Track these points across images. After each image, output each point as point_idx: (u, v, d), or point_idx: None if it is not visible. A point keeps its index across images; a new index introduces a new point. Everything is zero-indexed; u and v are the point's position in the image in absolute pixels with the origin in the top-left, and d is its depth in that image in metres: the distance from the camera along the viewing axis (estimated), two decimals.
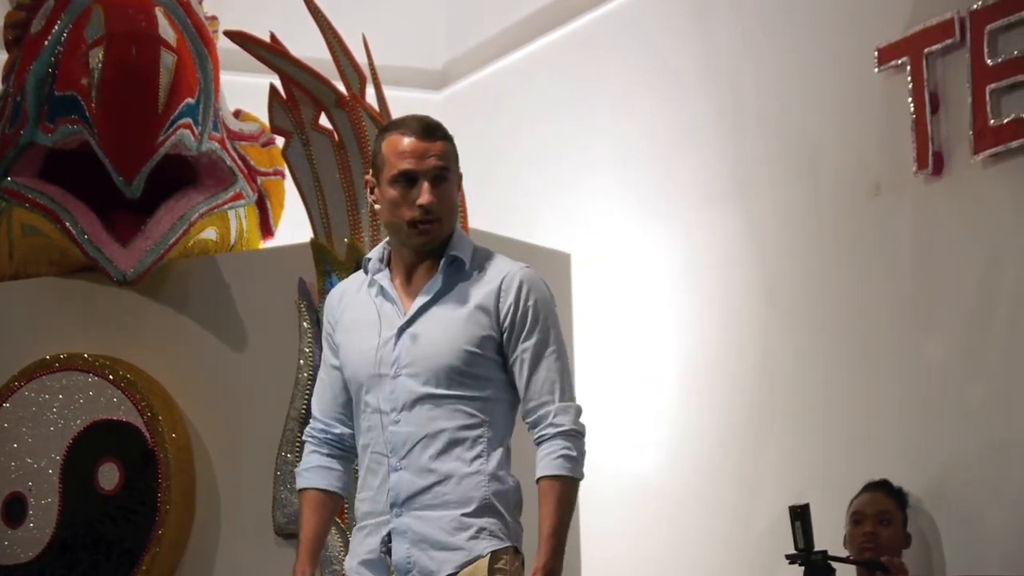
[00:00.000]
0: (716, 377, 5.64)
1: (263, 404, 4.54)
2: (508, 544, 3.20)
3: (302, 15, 4.60)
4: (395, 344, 3.24)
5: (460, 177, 3.34)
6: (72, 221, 4.65)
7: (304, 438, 3.43)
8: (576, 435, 3.22)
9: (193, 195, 4.77)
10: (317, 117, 4.57)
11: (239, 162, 4.93)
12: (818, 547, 4.46)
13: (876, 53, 5.03)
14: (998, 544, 4.65)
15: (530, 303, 3.24)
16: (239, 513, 4.55)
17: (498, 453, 3.23)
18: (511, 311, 3.23)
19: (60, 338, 4.75)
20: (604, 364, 5.96)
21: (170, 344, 4.69)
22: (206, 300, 4.69)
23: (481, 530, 3.18)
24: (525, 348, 3.23)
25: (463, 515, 3.17)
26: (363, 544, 3.25)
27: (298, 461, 4.38)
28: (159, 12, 4.57)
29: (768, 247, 5.52)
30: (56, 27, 4.70)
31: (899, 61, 4.97)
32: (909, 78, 4.93)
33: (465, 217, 4.51)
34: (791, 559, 4.46)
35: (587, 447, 3.24)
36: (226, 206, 4.85)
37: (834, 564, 4.47)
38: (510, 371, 3.25)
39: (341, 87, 4.55)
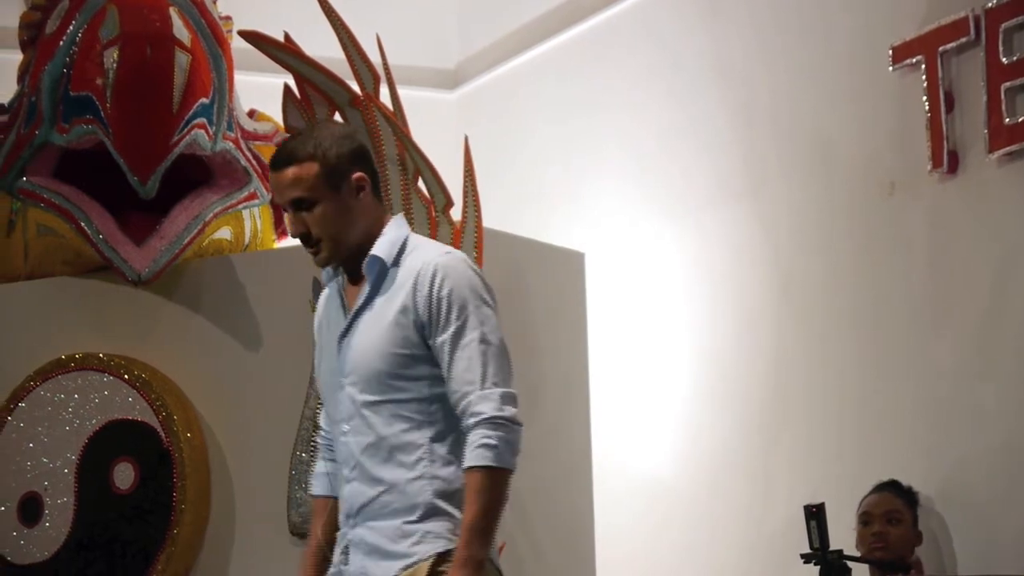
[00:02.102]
0: (730, 376, 5.64)
1: (278, 403, 4.54)
2: (452, 545, 3.13)
3: (316, 15, 4.60)
4: (338, 354, 3.25)
5: (350, 182, 3.22)
6: (87, 221, 4.65)
7: (317, 439, 3.45)
8: (497, 422, 3.11)
9: (207, 195, 4.77)
10: (331, 117, 4.57)
11: (253, 162, 4.93)
12: (833, 546, 4.46)
13: (890, 52, 5.03)
14: (1010, 543, 4.64)
15: (443, 293, 3.16)
16: (254, 512, 4.56)
17: (445, 450, 3.17)
18: (426, 304, 3.16)
19: (75, 338, 4.75)
20: (618, 363, 5.96)
21: (185, 344, 4.70)
22: (220, 300, 4.70)
23: (426, 534, 3.14)
24: (443, 340, 3.15)
25: (406, 523, 3.15)
26: (335, 556, 3.26)
27: (313, 461, 4.40)
28: (173, 12, 4.57)
29: (782, 246, 5.52)
30: (71, 27, 4.70)
31: (914, 60, 4.97)
32: (924, 77, 4.92)
33: (479, 215, 4.51)
34: (806, 558, 4.46)
35: (519, 434, 3.13)
36: (240, 206, 4.85)
37: (849, 563, 4.47)
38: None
39: (355, 87, 4.55)
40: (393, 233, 3.25)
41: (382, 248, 3.23)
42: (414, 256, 3.23)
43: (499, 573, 3.21)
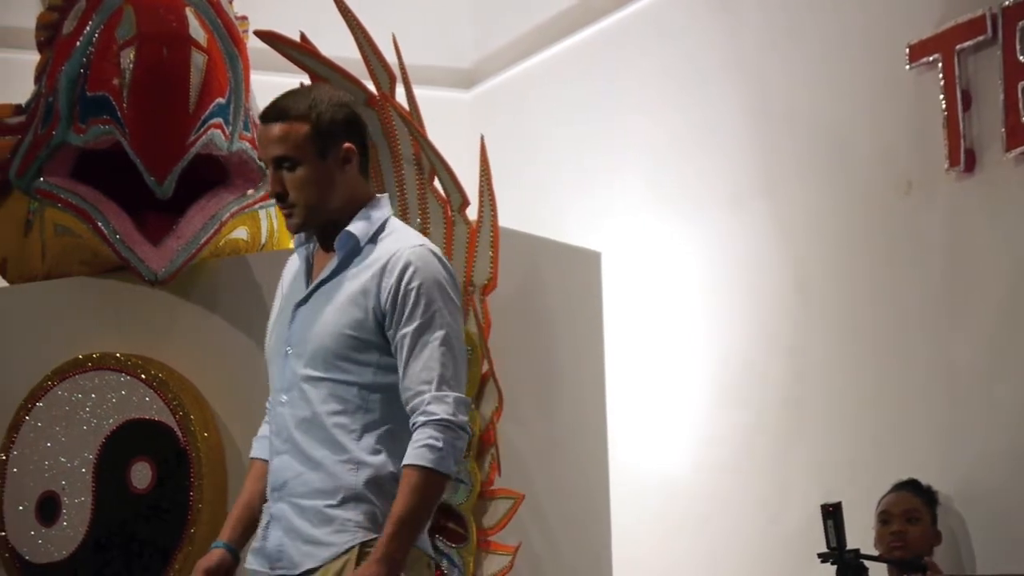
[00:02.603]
0: (746, 376, 5.64)
1: None
2: (372, 536, 3.05)
3: (332, 15, 4.61)
4: (290, 323, 3.17)
5: (339, 151, 3.13)
6: (104, 221, 4.66)
7: (266, 405, 3.34)
8: (448, 426, 3.03)
9: (224, 195, 4.77)
10: None
11: None
12: (849, 546, 4.45)
13: (907, 50, 5.02)
14: None
15: (412, 285, 3.08)
16: None
17: (375, 439, 3.09)
18: (391, 293, 3.08)
19: (92, 338, 4.76)
20: (634, 362, 5.95)
21: (201, 343, 4.70)
22: (237, 299, 4.70)
23: (346, 522, 3.07)
24: (404, 333, 3.06)
25: (327, 506, 3.07)
26: (258, 530, 3.20)
27: None
28: (190, 12, 4.58)
29: (798, 246, 5.51)
30: (88, 28, 4.71)
31: (930, 58, 4.96)
32: (940, 75, 4.91)
33: (495, 215, 4.51)
34: (823, 557, 4.45)
35: (465, 442, 3.06)
36: (257, 206, 4.85)
37: (866, 563, 4.46)
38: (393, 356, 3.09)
39: (371, 87, 4.55)
40: (373, 213, 3.17)
41: (358, 226, 3.15)
42: (389, 240, 3.15)
43: (433, 566, 3.16)
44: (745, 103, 5.74)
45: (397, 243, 3.14)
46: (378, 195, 3.24)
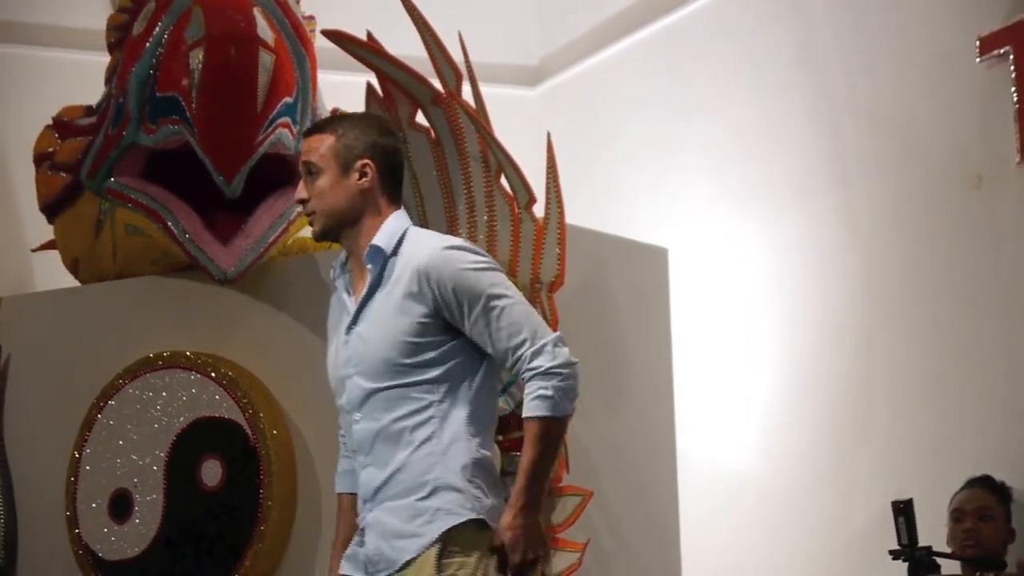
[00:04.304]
0: (815, 371, 5.61)
1: None
2: (467, 518, 3.22)
3: (398, 13, 4.61)
4: (346, 345, 3.35)
5: (362, 165, 3.37)
6: (174, 221, 4.69)
7: (339, 438, 3.57)
8: (552, 372, 3.22)
9: (291, 194, 4.77)
10: (414, 115, 4.57)
11: None
12: (920, 543, 4.41)
13: (977, 43, 4.98)
14: None
15: (448, 278, 3.25)
16: None
17: (453, 429, 3.26)
18: (440, 292, 3.26)
19: (163, 336, 4.80)
20: (702, 358, 5.93)
21: (270, 342, 4.73)
22: (305, 298, 4.72)
23: (436, 511, 3.22)
24: (473, 319, 3.24)
25: (417, 500, 3.23)
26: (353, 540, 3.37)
27: None
28: (257, 12, 4.60)
29: (866, 241, 5.47)
30: (157, 29, 4.74)
31: (1001, 51, 4.91)
32: (1012, 67, 4.87)
33: (562, 212, 4.50)
34: (895, 555, 4.42)
35: (575, 376, 3.23)
36: None
37: (939, 560, 4.43)
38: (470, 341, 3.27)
39: (437, 85, 4.56)
40: (393, 224, 3.37)
41: (381, 238, 3.35)
42: (413, 245, 3.34)
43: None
44: (811, 98, 5.71)
45: (421, 247, 3.32)
46: (398, 210, 3.43)
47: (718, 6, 6.17)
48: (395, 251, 3.34)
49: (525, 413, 3.23)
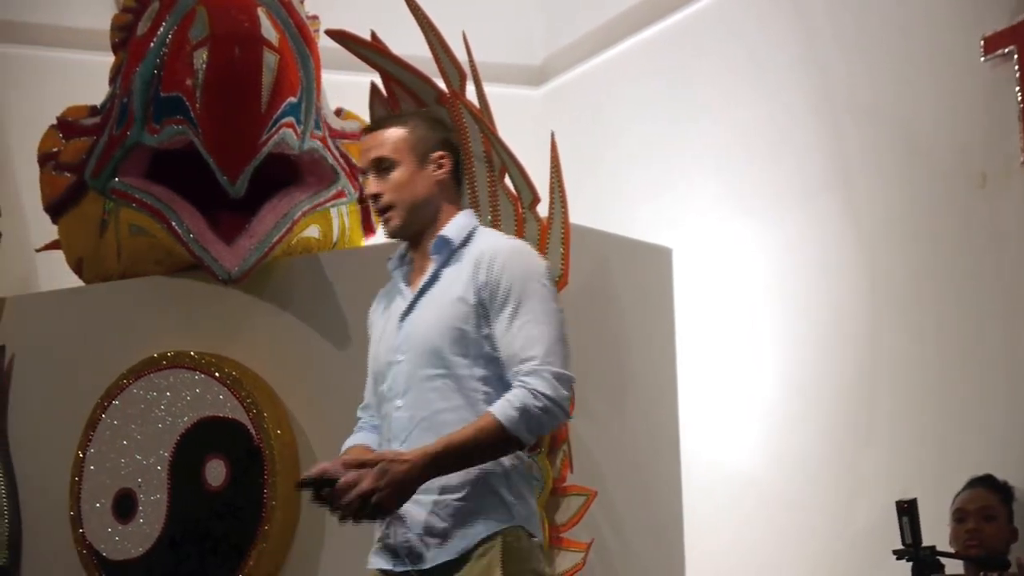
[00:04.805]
0: (818, 371, 5.61)
1: None
2: (506, 526, 3.15)
3: (402, 13, 4.62)
4: (398, 332, 3.30)
5: (435, 158, 3.33)
6: (178, 221, 4.70)
7: (354, 429, 3.48)
8: (538, 396, 3.11)
9: (296, 194, 4.80)
10: None
11: (341, 160, 4.96)
12: (924, 542, 4.41)
13: (982, 42, 4.97)
14: None
15: (502, 276, 3.20)
16: None
17: None
18: (488, 285, 3.21)
19: (167, 336, 4.80)
20: (706, 357, 5.93)
21: (274, 342, 4.73)
22: (309, 298, 4.72)
23: (477, 514, 3.15)
24: (501, 319, 3.19)
25: (456, 500, 3.15)
26: (376, 531, 3.28)
27: None
28: (261, 12, 4.60)
29: (870, 241, 5.47)
30: (161, 29, 4.75)
31: (1006, 50, 4.91)
32: (1016, 67, 4.87)
33: (566, 212, 4.51)
34: (899, 554, 4.41)
35: (550, 418, 3.11)
36: (328, 204, 4.88)
37: (943, 560, 4.42)
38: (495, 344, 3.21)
39: (441, 84, 4.56)
40: (463, 220, 3.33)
41: (451, 230, 3.30)
42: (480, 240, 3.29)
43: (537, 548, 3.20)
44: (815, 98, 5.71)
45: (487, 241, 3.28)
46: (465, 208, 3.40)
47: (721, 6, 6.17)
48: (462, 244, 3.29)
49: (492, 407, 3.12)
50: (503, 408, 3.11)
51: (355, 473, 3.08)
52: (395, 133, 3.32)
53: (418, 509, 3.17)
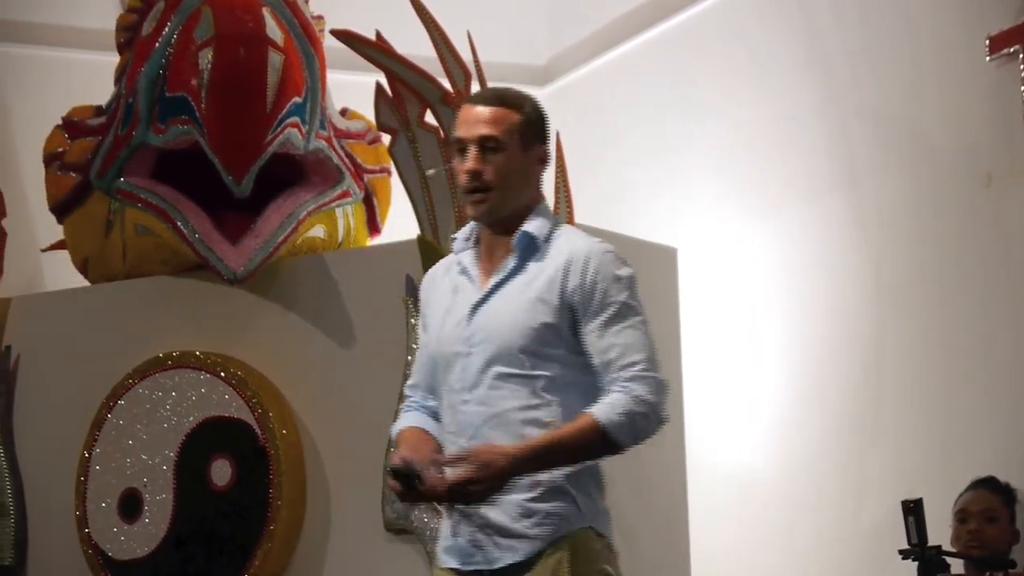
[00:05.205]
0: (824, 371, 5.60)
1: (372, 400, 4.56)
2: (576, 526, 3.11)
3: (407, 13, 4.62)
4: (468, 322, 3.19)
5: (538, 151, 3.23)
6: (183, 221, 4.70)
7: (401, 407, 3.37)
8: (641, 401, 3.07)
9: (301, 193, 4.80)
10: (423, 114, 4.58)
11: (346, 160, 4.96)
12: (930, 542, 4.40)
13: (987, 41, 4.96)
14: None
15: (597, 279, 3.14)
16: (349, 508, 4.58)
17: None
18: (580, 289, 3.13)
19: (172, 336, 4.81)
20: (711, 356, 5.93)
21: (279, 341, 4.73)
22: (314, 297, 4.72)
23: (549, 515, 3.09)
24: (600, 322, 3.12)
25: (528, 500, 3.09)
26: (443, 527, 3.21)
27: None
28: (266, 12, 4.61)
29: (875, 241, 5.46)
30: (166, 29, 4.75)
31: (1011, 49, 4.90)
32: (1022, 66, 4.85)
33: (571, 211, 4.50)
34: (904, 554, 4.41)
35: (650, 425, 3.07)
36: (333, 204, 4.88)
37: (948, 560, 4.42)
38: (584, 350, 3.14)
39: (447, 84, 4.56)
40: (546, 216, 3.24)
41: (534, 226, 3.20)
42: (565, 239, 3.20)
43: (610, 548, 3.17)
44: (819, 98, 5.70)
45: (575, 242, 3.20)
46: (544, 204, 3.30)
47: (725, 7, 6.16)
48: (547, 239, 3.20)
49: (591, 408, 3.09)
50: (606, 412, 3.06)
51: (452, 471, 3.02)
52: (510, 116, 3.18)
53: (488, 508, 3.11)
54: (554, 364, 3.14)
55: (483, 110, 3.19)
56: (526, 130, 3.20)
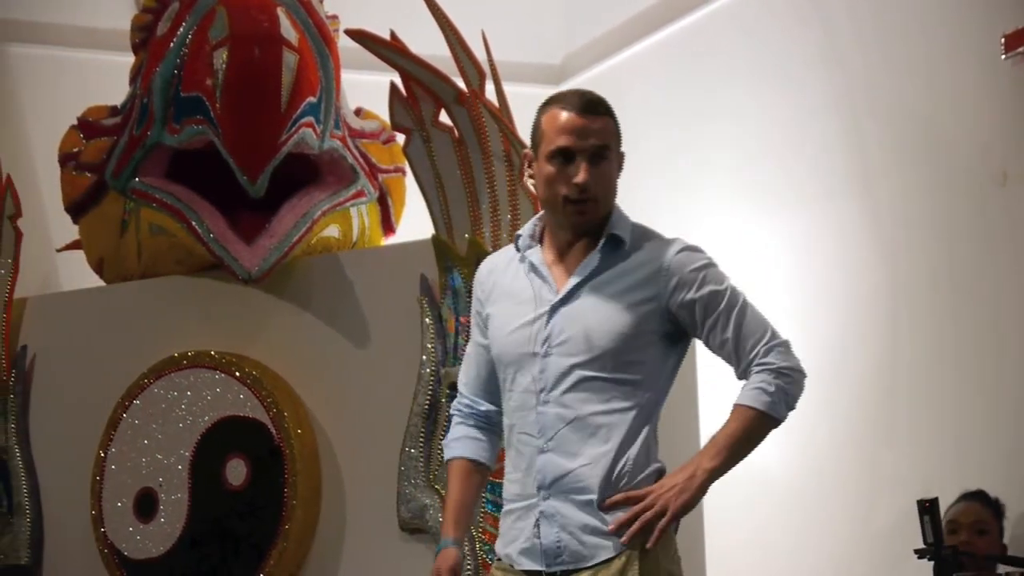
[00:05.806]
0: (838, 369, 5.59)
1: (386, 400, 4.56)
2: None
3: (422, 13, 4.62)
4: (547, 322, 3.15)
5: (622, 156, 3.24)
6: (198, 220, 4.71)
7: (451, 412, 3.36)
8: (783, 372, 3.15)
9: (315, 193, 4.80)
10: (437, 114, 4.58)
11: (360, 160, 4.96)
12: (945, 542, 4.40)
13: (1003, 40, 4.96)
14: None
15: (698, 277, 3.16)
16: (364, 508, 4.59)
17: (644, 435, 3.16)
18: (686, 293, 3.15)
19: (187, 336, 4.81)
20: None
21: (294, 341, 4.74)
22: (329, 297, 4.73)
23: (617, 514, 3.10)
24: (717, 317, 3.17)
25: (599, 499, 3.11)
26: (513, 528, 3.18)
27: (422, 456, 4.42)
28: (281, 12, 4.61)
29: (891, 241, 5.46)
30: (181, 29, 4.76)
31: None
32: None
33: None
34: (920, 554, 4.40)
35: (797, 386, 3.15)
36: (348, 204, 4.88)
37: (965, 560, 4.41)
38: (708, 348, 3.21)
39: (461, 84, 4.56)
40: (625, 217, 3.24)
41: (623, 228, 3.20)
42: (652, 243, 3.20)
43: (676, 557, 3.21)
44: (834, 96, 5.69)
45: (665, 245, 3.20)
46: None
47: (740, 5, 6.16)
48: (632, 242, 3.19)
49: (738, 400, 3.16)
50: (755, 396, 3.15)
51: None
52: (611, 124, 3.21)
53: (572, 508, 3.11)
54: (640, 369, 3.15)
55: (592, 119, 3.19)
56: (619, 137, 3.24)
